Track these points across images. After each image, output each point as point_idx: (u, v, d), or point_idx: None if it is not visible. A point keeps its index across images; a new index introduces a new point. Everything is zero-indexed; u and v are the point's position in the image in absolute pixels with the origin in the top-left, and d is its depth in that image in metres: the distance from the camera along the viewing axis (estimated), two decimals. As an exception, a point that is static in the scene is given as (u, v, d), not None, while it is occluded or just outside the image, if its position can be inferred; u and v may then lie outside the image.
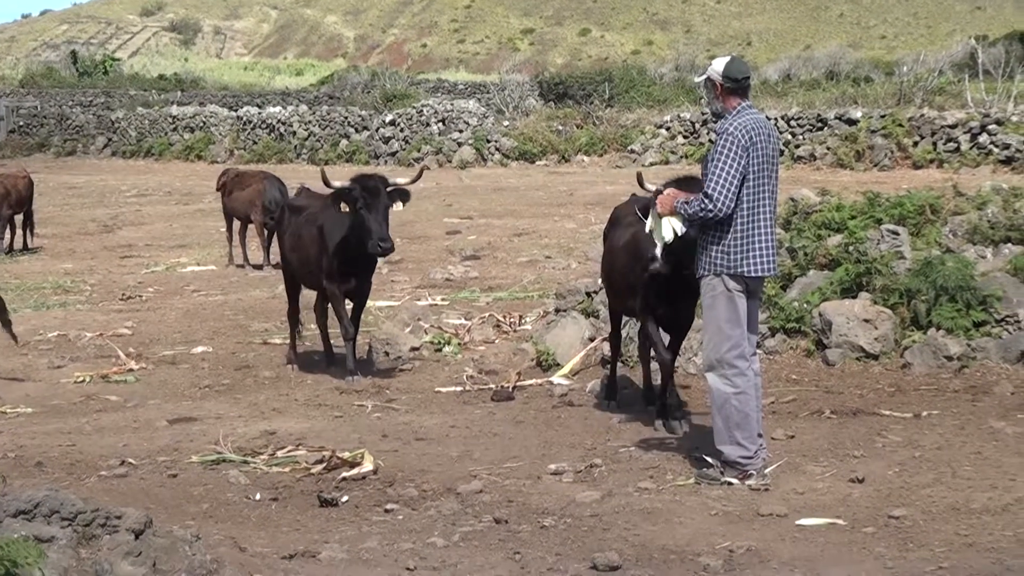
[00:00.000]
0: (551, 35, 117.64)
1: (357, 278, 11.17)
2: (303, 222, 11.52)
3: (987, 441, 8.37)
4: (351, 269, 11.06)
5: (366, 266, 11.22)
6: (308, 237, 11.37)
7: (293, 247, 11.72)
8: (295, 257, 11.72)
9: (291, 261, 11.88)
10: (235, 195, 18.80)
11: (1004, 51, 41.11)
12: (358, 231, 10.67)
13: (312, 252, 11.31)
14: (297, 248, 11.62)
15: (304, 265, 11.53)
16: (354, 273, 11.11)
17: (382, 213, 10.63)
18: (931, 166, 29.58)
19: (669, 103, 39.39)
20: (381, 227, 10.57)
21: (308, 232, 11.38)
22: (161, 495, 7.71)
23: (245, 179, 19.10)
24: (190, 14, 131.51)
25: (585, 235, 20.44)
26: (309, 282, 11.74)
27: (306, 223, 11.46)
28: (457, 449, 8.64)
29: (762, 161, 7.62)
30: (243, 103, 52.48)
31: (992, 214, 12.93)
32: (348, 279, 11.12)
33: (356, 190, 10.62)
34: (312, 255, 11.32)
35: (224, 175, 19.76)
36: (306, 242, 11.40)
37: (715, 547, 6.46)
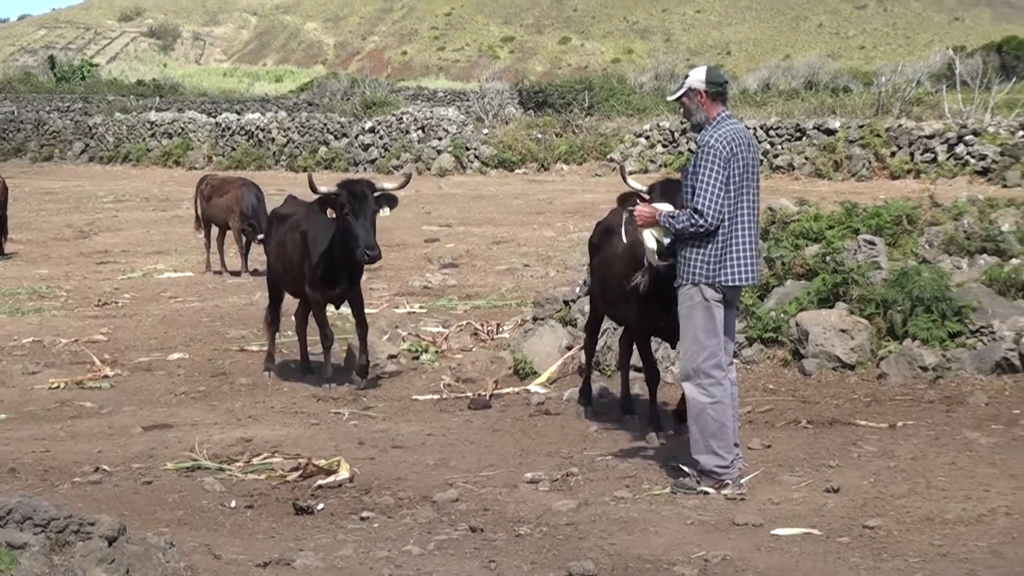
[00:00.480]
0: (531, 43, 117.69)
1: (342, 285, 10.96)
2: (287, 229, 11.40)
3: (961, 452, 8.39)
4: (335, 276, 10.87)
5: (351, 272, 11.00)
6: (291, 244, 11.24)
7: (278, 255, 11.60)
8: (280, 264, 11.60)
9: (276, 269, 11.78)
10: (214, 201, 18.82)
11: (982, 62, 41.37)
12: (344, 238, 10.49)
13: (295, 259, 11.18)
14: (281, 255, 11.51)
15: (289, 272, 11.40)
16: (338, 280, 10.91)
17: (369, 219, 10.44)
18: (908, 176, 29.75)
19: (649, 112, 39.51)
20: (368, 234, 10.38)
21: (291, 239, 11.24)
22: (135, 502, 7.68)
23: (224, 186, 19.10)
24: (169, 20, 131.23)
25: (564, 243, 20.48)
26: (293, 289, 11.62)
27: (290, 230, 11.33)
28: (434, 457, 8.62)
29: (742, 171, 7.63)
30: (222, 109, 52.37)
31: (968, 225, 12.98)
32: (332, 286, 10.93)
33: (343, 195, 10.43)
34: (295, 262, 11.19)
35: (203, 181, 19.73)
36: (289, 249, 11.28)
37: (690, 556, 6.45)
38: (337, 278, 10.90)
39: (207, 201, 18.99)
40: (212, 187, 19.14)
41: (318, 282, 10.91)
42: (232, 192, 18.64)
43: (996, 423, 9.12)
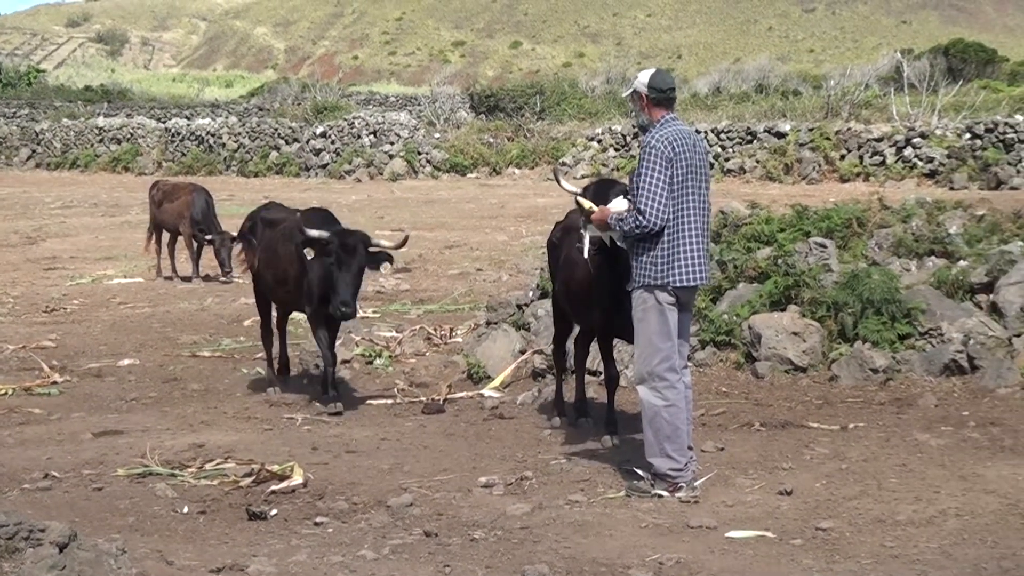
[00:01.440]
0: (482, 48, 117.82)
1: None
2: (279, 238, 10.78)
3: (912, 453, 8.46)
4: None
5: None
6: (286, 255, 10.60)
7: (268, 263, 10.98)
8: (270, 274, 10.98)
9: (264, 277, 11.16)
10: (164, 207, 18.71)
11: (929, 65, 41.68)
12: (324, 283, 10.03)
13: (291, 272, 10.56)
14: (272, 265, 10.89)
15: (281, 284, 10.81)
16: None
17: (354, 274, 9.93)
18: (858, 179, 30.01)
19: (600, 116, 39.59)
20: (347, 290, 9.86)
21: (285, 250, 10.60)
22: (86, 508, 7.61)
23: (175, 191, 19.00)
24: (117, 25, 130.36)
25: (516, 248, 20.52)
26: (280, 300, 11.13)
27: (283, 239, 10.69)
28: (388, 462, 8.59)
29: (686, 172, 7.64)
30: (172, 115, 52.14)
31: (916, 227, 13.08)
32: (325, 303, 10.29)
33: (333, 244, 9.90)
34: (291, 275, 10.58)
35: (154, 187, 19.62)
36: (283, 260, 10.66)
37: (645, 559, 6.46)
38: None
39: (158, 207, 18.90)
40: (163, 192, 19.05)
41: (316, 299, 10.32)
42: (183, 197, 18.56)
43: (945, 425, 9.20)
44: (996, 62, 51.72)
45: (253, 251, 11.28)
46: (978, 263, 11.70)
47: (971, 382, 10.19)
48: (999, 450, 8.51)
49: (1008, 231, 13.15)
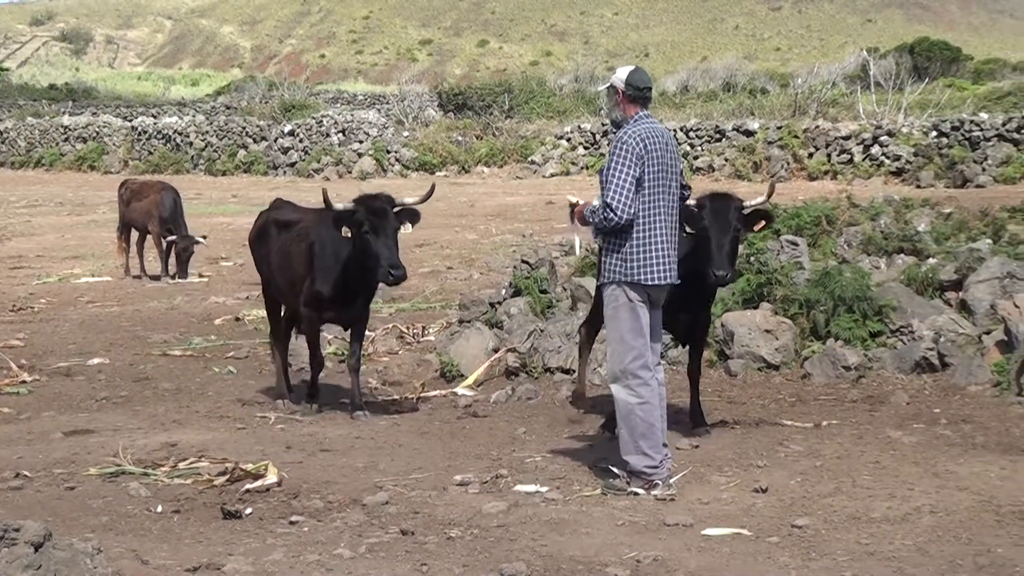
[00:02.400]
0: (449, 46, 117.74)
1: (347, 307, 9.99)
2: (292, 238, 10.33)
3: (885, 451, 8.49)
4: (344, 295, 9.91)
5: (363, 292, 10.00)
6: (296, 255, 10.21)
7: (281, 265, 10.45)
8: (283, 276, 10.45)
9: (277, 280, 10.62)
10: (133, 205, 18.61)
11: (895, 63, 41.90)
12: (363, 257, 9.55)
13: (300, 272, 10.15)
14: (285, 267, 10.39)
15: (292, 286, 10.28)
16: (344, 301, 9.94)
17: (391, 236, 9.52)
18: (826, 177, 30.15)
19: (569, 114, 39.62)
20: (391, 252, 9.45)
21: (297, 249, 10.21)
22: (59, 508, 7.54)
23: (144, 190, 18.90)
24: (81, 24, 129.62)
25: (486, 246, 20.50)
26: (293, 303, 10.51)
27: (295, 239, 10.29)
28: (362, 460, 8.57)
29: (658, 170, 7.67)
30: (138, 113, 51.89)
31: (885, 225, 13.17)
32: (335, 307, 9.98)
33: (361, 212, 9.50)
34: (300, 275, 10.16)
35: (123, 186, 19.51)
36: (294, 260, 10.24)
37: (622, 557, 6.46)
38: (348, 298, 9.94)
39: (126, 205, 18.79)
40: (131, 191, 18.94)
41: (318, 301, 9.94)
42: (151, 196, 18.47)
43: (918, 422, 9.26)
44: (961, 60, 52.02)
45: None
46: (947, 261, 11.79)
47: (942, 379, 10.25)
48: (971, 447, 8.56)
49: (976, 229, 13.26)
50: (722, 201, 8.84)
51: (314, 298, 9.95)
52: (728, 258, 8.59)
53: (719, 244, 8.53)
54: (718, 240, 8.54)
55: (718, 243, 8.53)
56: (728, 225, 8.62)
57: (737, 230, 8.69)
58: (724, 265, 8.51)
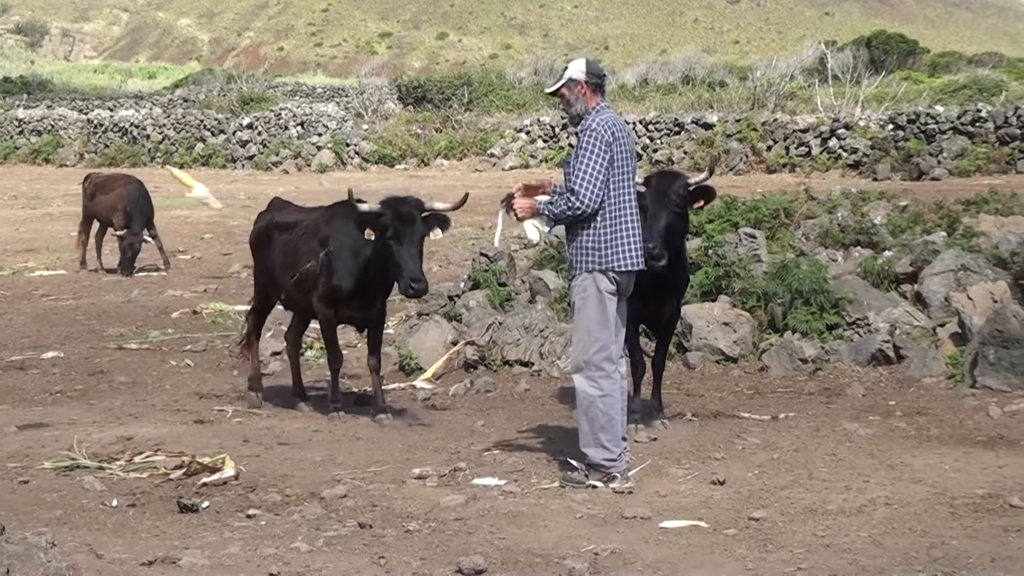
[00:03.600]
0: (409, 39, 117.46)
1: (368, 306, 9.64)
2: (301, 236, 9.90)
3: (841, 442, 8.54)
4: (362, 294, 9.52)
5: (381, 293, 9.64)
6: (308, 253, 9.73)
7: (289, 265, 9.94)
8: (288, 277, 9.95)
9: (282, 281, 10.11)
10: (98, 199, 18.42)
11: (852, 56, 42.11)
12: (383, 263, 9.16)
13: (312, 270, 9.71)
14: (293, 266, 9.86)
15: (301, 286, 9.83)
16: (364, 300, 9.57)
17: (417, 246, 9.03)
18: (784, 170, 30.27)
19: (528, 107, 39.60)
20: (415, 263, 8.97)
21: (308, 247, 9.75)
22: (12, 502, 7.48)
23: (109, 183, 18.74)
24: (37, 16, 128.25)
25: (446, 239, 20.39)
26: (297, 304, 10.21)
27: (305, 237, 9.86)
28: (320, 454, 8.54)
29: (625, 158, 7.72)
30: (94, 106, 51.40)
31: (842, 218, 13.26)
32: (355, 306, 9.60)
33: (387, 216, 9.01)
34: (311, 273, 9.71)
35: (87, 179, 19.32)
36: (304, 259, 9.75)
37: (580, 550, 6.47)
38: (366, 297, 9.55)
39: (91, 199, 18.61)
40: (96, 185, 18.76)
41: (335, 298, 9.55)
42: (117, 190, 18.30)
43: (873, 414, 9.32)
44: (917, 53, 52.34)
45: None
46: (903, 253, 11.88)
47: (897, 372, 10.33)
48: (925, 439, 8.62)
49: (931, 221, 13.37)
50: (665, 178, 8.89)
51: (330, 294, 9.54)
52: (660, 234, 8.52)
53: (655, 218, 8.52)
54: (654, 214, 8.53)
55: (654, 217, 8.52)
56: (667, 201, 8.62)
57: (678, 206, 8.68)
58: (653, 238, 8.39)
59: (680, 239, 8.94)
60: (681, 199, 8.71)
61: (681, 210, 8.75)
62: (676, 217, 8.71)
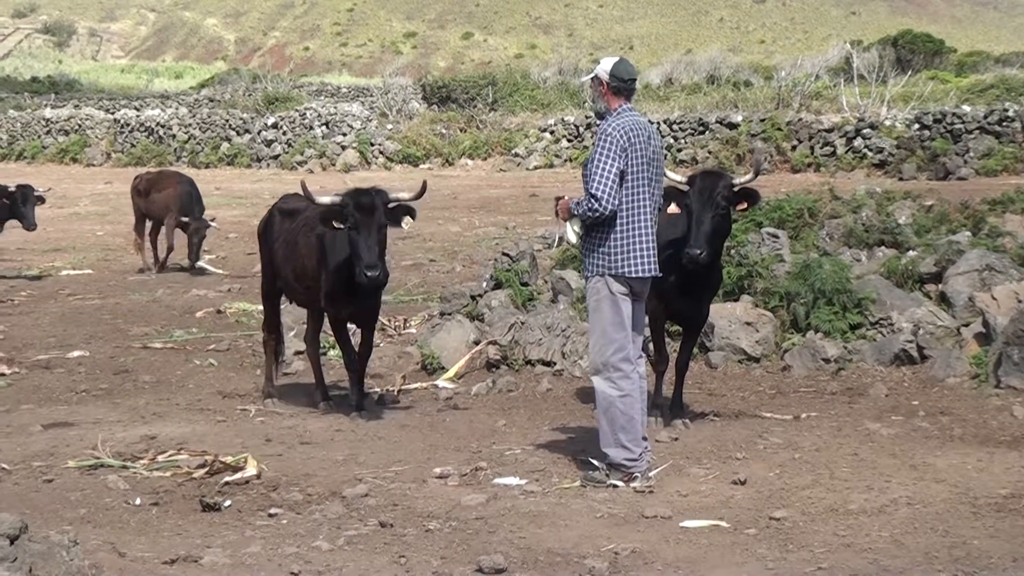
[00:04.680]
0: (434, 39, 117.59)
1: (360, 301, 9.61)
2: (299, 229, 9.98)
3: (863, 442, 8.53)
4: (354, 290, 9.44)
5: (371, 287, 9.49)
6: (306, 247, 9.86)
7: (287, 258, 10.11)
8: (289, 269, 10.11)
9: (283, 274, 10.25)
10: (152, 197, 18.42)
11: (878, 56, 41.93)
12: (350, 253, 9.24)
13: (310, 266, 9.83)
14: (291, 259, 10.05)
15: (301, 280, 9.98)
16: (356, 295, 9.52)
17: (374, 236, 9.09)
18: (809, 170, 30.16)
19: (553, 107, 39.58)
20: (371, 252, 9.03)
21: (305, 241, 9.86)
22: (36, 500, 7.53)
23: (161, 181, 18.76)
24: (64, 16, 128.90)
25: (470, 239, 20.48)
26: (304, 301, 10.36)
27: (303, 230, 9.92)
28: (342, 453, 8.56)
29: (641, 163, 7.68)
30: (120, 106, 51.63)
31: (866, 217, 13.19)
32: (351, 301, 9.60)
33: (348, 207, 9.09)
34: (310, 269, 9.84)
35: (139, 177, 19.32)
36: (303, 253, 9.90)
37: (600, 549, 6.47)
38: (356, 292, 9.49)
39: (144, 197, 18.58)
40: (148, 182, 18.75)
41: (336, 296, 9.61)
42: (169, 189, 18.30)
43: (896, 414, 9.29)
44: (944, 53, 52.10)
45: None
46: (927, 253, 11.82)
47: (921, 372, 10.29)
48: (948, 439, 8.60)
49: (956, 221, 13.29)
50: (709, 179, 8.84)
51: (332, 292, 9.61)
52: (706, 236, 8.55)
53: (698, 221, 8.53)
54: (698, 217, 8.53)
55: (698, 220, 8.53)
56: (711, 202, 8.61)
57: (722, 208, 8.67)
58: (699, 243, 8.47)
59: (722, 241, 8.94)
60: (726, 200, 8.69)
61: (725, 211, 8.74)
62: (720, 219, 8.70)
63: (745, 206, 8.93)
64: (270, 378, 10.55)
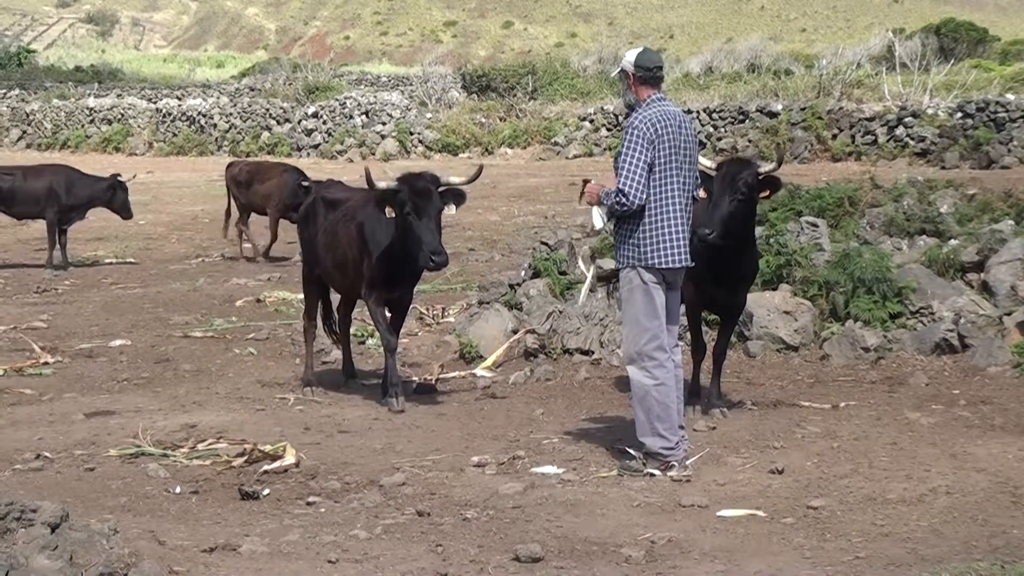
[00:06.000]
0: (474, 27, 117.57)
1: (401, 287, 9.80)
2: (340, 219, 10.06)
3: (903, 432, 8.49)
4: (396, 276, 9.64)
5: (412, 273, 9.73)
6: (346, 237, 9.92)
7: (328, 246, 10.15)
8: (330, 259, 10.16)
9: (324, 262, 10.30)
10: (255, 188, 18.45)
11: (921, 44, 41.59)
12: (405, 239, 9.27)
13: (351, 255, 9.87)
14: (332, 248, 10.10)
15: (340, 269, 10.05)
16: (399, 282, 9.71)
17: (434, 219, 9.19)
18: (849, 159, 29.97)
19: (592, 95, 39.49)
20: (433, 236, 9.12)
21: (345, 231, 9.94)
22: (78, 489, 7.61)
23: (265, 171, 18.80)
24: (107, 5, 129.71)
25: (509, 228, 20.49)
26: (343, 288, 10.37)
27: (343, 220, 10.01)
28: (380, 442, 8.60)
29: (670, 153, 7.68)
30: (162, 95, 51.81)
31: (908, 206, 13.11)
32: (392, 288, 9.73)
33: (404, 192, 9.16)
34: (351, 258, 9.88)
35: (234, 166, 19.37)
36: (343, 242, 9.95)
37: (637, 538, 6.48)
38: (398, 279, 9.68)
39: (246, 187, 18.54)
40: (250, 172, 18.76)
41: (378, 283, 9.67)
42: (275, 179, 18.29)
43: (936, 403, 9.25)
44: (987, 41, 51.64)
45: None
46: (969, 242, 11.74)
47: (962, 361, 10.23)
48: (989, 428, 8.55)
49: (999, 210, 13.19)
50: (735, 165, 8.86)
51: (372, 279, 9.66)
52: (721, 219, 8.50)
53: (716, 204, 8.51)
54: (717, 200, 8.51)
55: (716, 203, 8.51)
56: (733, 187, 8.59)
57: (742, 194, 8.64)
58: (712, 223, 8.44)
59: (744, 227, 8.89)
60: (747, 187, 8.66)
61: (746, 197, 8.71)
62: (740, 204, 8.66)
63: (768, 193, 8.94)
64: (310, 366, 10.60)
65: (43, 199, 17.70)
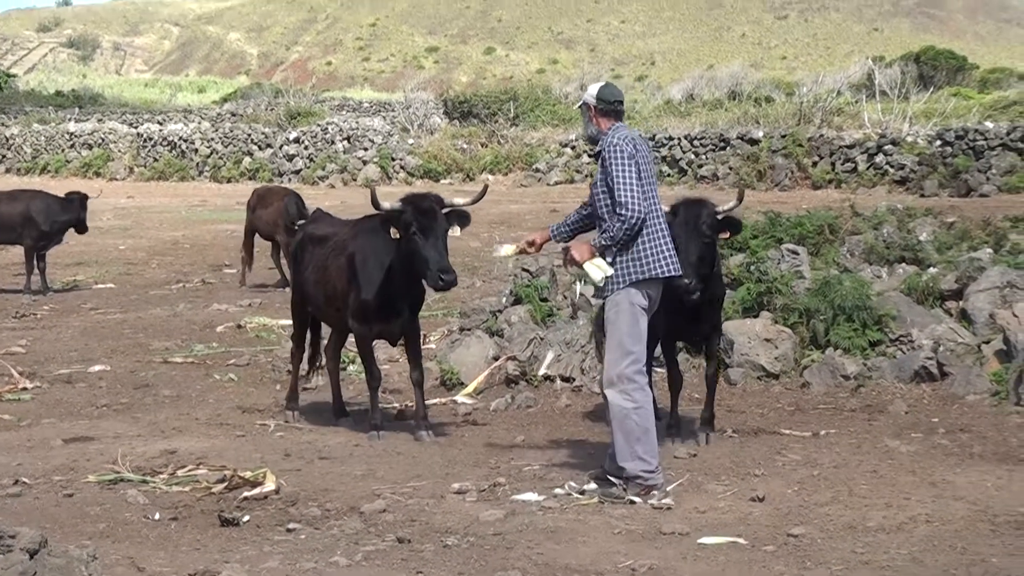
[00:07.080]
0: (456, 54, 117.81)
1: (401, 317, 9.57)
2: (329, 253, 9.95)
3: (882, 460, 8.51)
4: (392, 307, 9.48)
5: (412, 303, 9.58)
6: (336, 269, 9.79)
7: (318, 281, 10.03)
8: (320, 292, 10.03)
9: (314, 296, 10.17)
10: (258, 213, 18.18)
11: (900, 72, 41.90)
12: (410, 261, 9.10)
13: (340, 286, 9.74)
14: (323, 282, 9.97)
15: (331, 303, 9.92)
16: (396, 312, 9.52)
17: (441, 239, 9.03)
18: (830, 186, 30.15)
19: (574, 122, 39.56)
20: (441, 255, 8.96)
21: (336, 263, 9.81)
22: (56, 515, 7.57)
23: (268, 196, 18.50)
24: (89, 30, 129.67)
25: (489, 253, 20.44)
26: (335, 321, 10.24)
27: (333, 253, 9.90)
28: (361, 468, 8.58)
29: (647, 168, 7.88)
30: (144, 120, 51.85)
31: (887, 234, 13.18)
32: (384, 319, 9.55)
33: (409, 212, 9.04)
34: (340, 290, 9.74)
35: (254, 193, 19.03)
36: (333, 275, 9.82)
37: (618, 566, 6.47)
38: (394, 309, 9.50)
39: (252, 212, 18.32)
40: (258, 197, 18.51)
41: (365, 314, 9.52)
42: (276, 204, 17.91)
43: (916, 431, 9.27)
44: (967, 69, 52.04)
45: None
46: (948, 270, 11.80)
47: (941, 389, 10.27)
48: (968, 457, 8.57)
49: (977, 238, 13.27)
50: (692, 207, 8.81)
51: (361, 310, 9.53)
52: (692, 267, 8.46)
53: (686, 250, 8.45)
54: (685, 246, 8.47)
55: (685, 249, 8.45)
56: (696, 232, 8.61)
57: (707, 236, 8.67)
58: (690, 274, 8.39)
59: (710, 266, 8.89)
60: (710, 228, 8.69)
61: (710, 240, 8.74)
62: (706, 247, 8.70)
63: (727, 235, 8.93)
64: (294, 388, 10.55)
65: (19, 225, 17.62)
